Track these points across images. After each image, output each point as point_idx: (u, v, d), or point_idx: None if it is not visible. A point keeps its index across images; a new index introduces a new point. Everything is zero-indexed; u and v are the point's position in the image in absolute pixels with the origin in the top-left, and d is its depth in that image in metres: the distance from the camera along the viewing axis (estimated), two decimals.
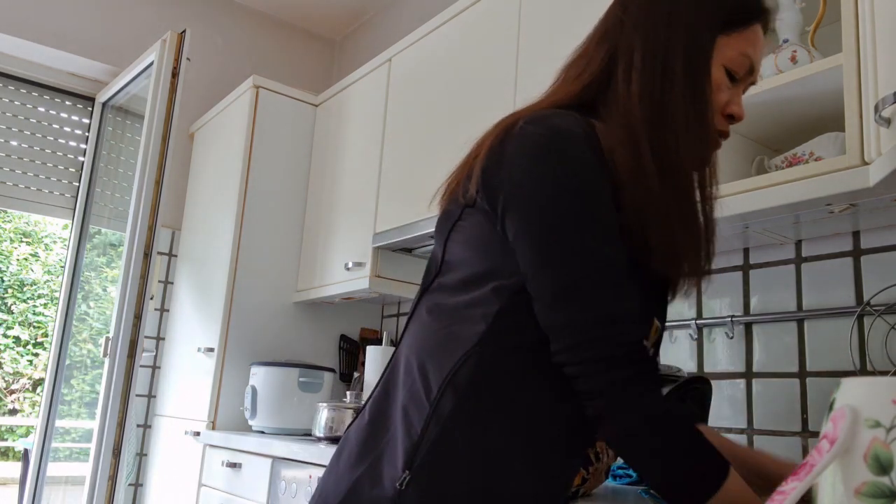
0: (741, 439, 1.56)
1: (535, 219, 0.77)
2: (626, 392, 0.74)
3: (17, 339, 8.36)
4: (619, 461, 1.32)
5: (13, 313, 8.35)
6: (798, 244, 1.55)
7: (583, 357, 0.74)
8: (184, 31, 2.60)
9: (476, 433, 0.78)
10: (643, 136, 0.79)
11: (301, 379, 2.45)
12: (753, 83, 0.89)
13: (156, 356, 3.01)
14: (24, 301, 8.41)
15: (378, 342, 2.63)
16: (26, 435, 7.73)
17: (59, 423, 2.86)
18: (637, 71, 0.82)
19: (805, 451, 1.46)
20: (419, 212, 2.12)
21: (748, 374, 1.59)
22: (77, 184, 3.07)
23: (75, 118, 3.12)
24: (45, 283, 8.53)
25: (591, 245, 0.76)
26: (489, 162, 0.82)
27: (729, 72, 0.84)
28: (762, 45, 0.87)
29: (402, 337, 0.91)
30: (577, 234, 0.76)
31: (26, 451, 3.07)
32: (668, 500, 0.75)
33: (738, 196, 1.31)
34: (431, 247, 2.22)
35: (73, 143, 3.10)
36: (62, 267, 3.07)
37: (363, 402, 0.93)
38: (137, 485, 2.92)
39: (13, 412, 8.39)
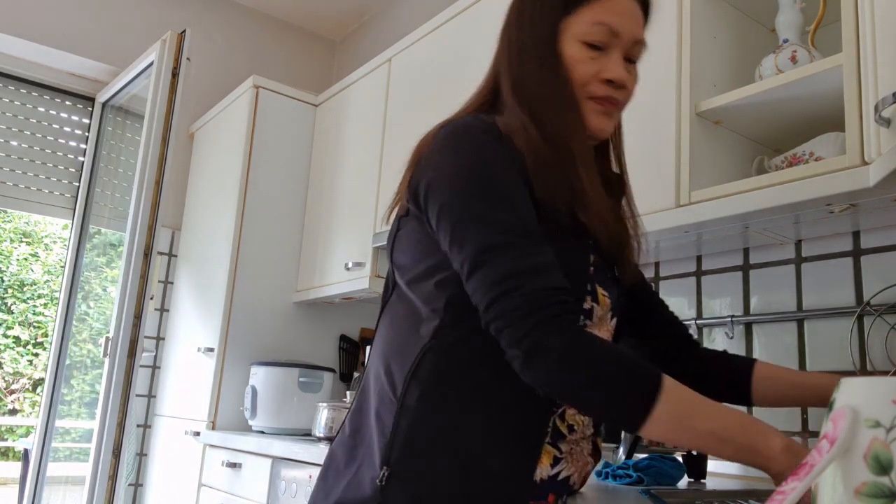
0: None
1: (444, 203, 0.85)
2: (535, 337, 0.76)
3: (17, 339, 8.36)
4: (619, 461, 1.32)
5: (13, 313, 8.35)
6: (798, 244, 1.55)
7: (495, 314, 0.79)
8: (184, 31, 2.60)
9: (445, 416, 0.84)
10: (525, 118, 0.90)
11: (301, 379, 2.45)
12: (638, 43, 0.95)
13: (156, 356, 3.01)
14: (24, 301, 8.41)
15: None
16: (26, 435, 7.73)
17: (59, 423, 2.86)
18: (505, 69, 0.97)
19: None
20: None
21: None
22: (77, 184, 3.07)
23: (75, 118, 3.12)
24: (45, 283, 8.53)
25: (493, 216, 0.82)
26: (412, 170, 0.92)
27: (589, 44, 0.92)
28: (625, 9, 0.93)
29: (370, 353, 0.97)
30: (480, 209, 0.83)
31: (26, 451, 3.07)
32: (614, 425, 0.77)
33: (738, 196, 1.31)
34: None
35: (73, 143, 3.10)
36: (62, 267, 3.07)
37: (344, 417, 0.99)
38: (137, 485, 2.92)
39: (13, 412, 8.40)
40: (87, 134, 3.12)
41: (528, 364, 0.77)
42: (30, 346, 8.43)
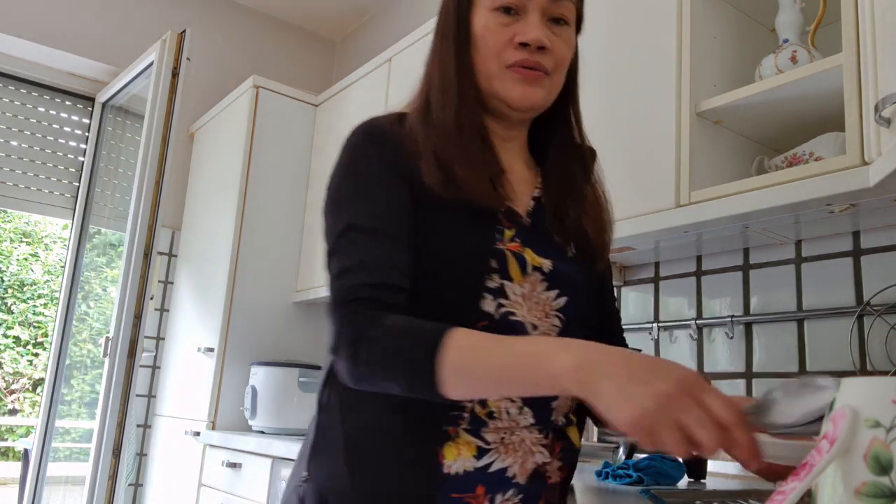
0: None
1: (324, 204, 0.90)
2: (337, 339, 0.77)
3: (17, 339, 8.36)
4: (619, 461, 1.32)
5: (13, 313, 8.35)
6: (798, 244, 1.55)
7: (328, 314, 0.80)
8: (184, 31, 2.60)
9: (352, 416, 0.84)
10: (419, 103, 0.94)
11: (301, 379, 2.45)
12: (544, 7, 0.90)
13: (156, 356, 3.01)
14: (24, 301, 8.41)
15: None
16: (26, 435, 7.73)
17: (59, 423, 2.86)
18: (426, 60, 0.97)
19: None
20: None
21: (748, 374, 1.59)
22: (77, 184, 3.07)
23: (75, 118, 3.12)
24: (45, 283, 8.53)
25: (341, 217, 0.85)
26: None
27: (501, 8, 0.88)
28: None
29: None
30: (332, 212, 0.87)
31: (26, 451, 3.07)
32: (426, 398, 0.73)
33: (738, 196, 1.31)
34: None
35: (73, 143, 3.10)
36: (62, 267, 3.07)
37: None
38: (137, 485, 2.92)
39: (13, 412, 8.40)
40: (87, 134, 3.12)
41: (336, 366, 0.79)
42: (30, 346, 8.43)
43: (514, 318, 0.84)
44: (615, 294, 1.13)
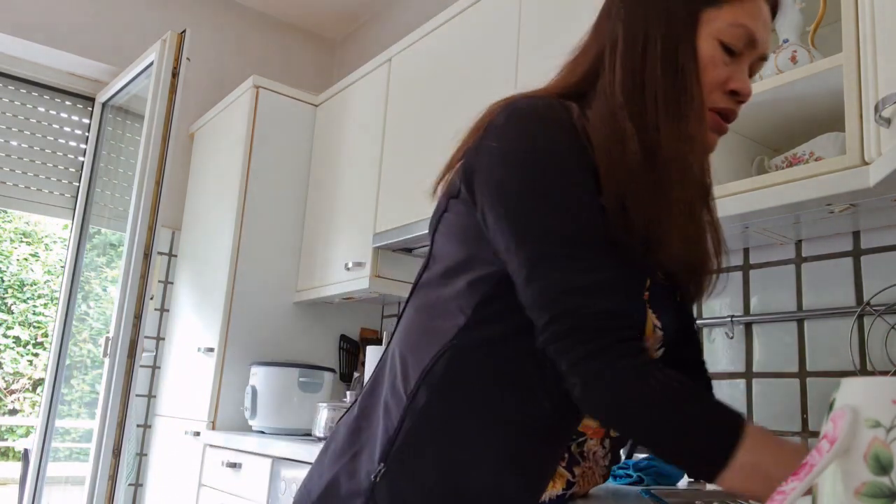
0: None
1: (505, 200, 0.76)
2: (591, 368, 0.70)
3: (17, 339, 8.35)
4: (620, 461, 1.32)
5: (13, 313, 8.35)
6: (798, 244, 1.55)
7: (551, 337, 0.72)
8: (184, 31, 2.60)
9: (447, 428, 0.78)
10: (625, 119, 0.77)
11: (301, 379, 2.45)
12: (763, 58, 0.84)
13: (156, 356, 3.01)
14: (24, 301, 8.41)
15: (378, 342, 2.63)
16: (26, 435, 7.73)
17: (59, 423, 2.86)
18: (619, 56, 0.81)
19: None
20: (419, 212, 2.12)
21: (748, 374, 1.59)
22: (77, 184, 3.07)
23: (75, 118, 3.12)
24: (45, 283, 8.53)
25: (557, 222, 0.74)
26: (470, 150, 0.83)
27: (725, 46, 0.80)
28: (765, 18, 0.82)
29: (394, 333, 0.91)
30: (544, 211, 0.75)
31: (26, 451, 3.07)
32: (684, 470, 0.70)
33: (738, 196, 1.31)
34: None
35: (73, 143, 3.10)
36: (62, 267, 3.07)
37: (355, 397, 0.93)
38: (137, 485, 2.92)
39: (13, 412, 8.39)
40: (87, 134, 3.11)
41: (587, 394, 0.71)
42: (30, 346, 8.43)
43: None
44: None
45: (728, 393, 1.61)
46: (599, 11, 0.90)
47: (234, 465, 2.26)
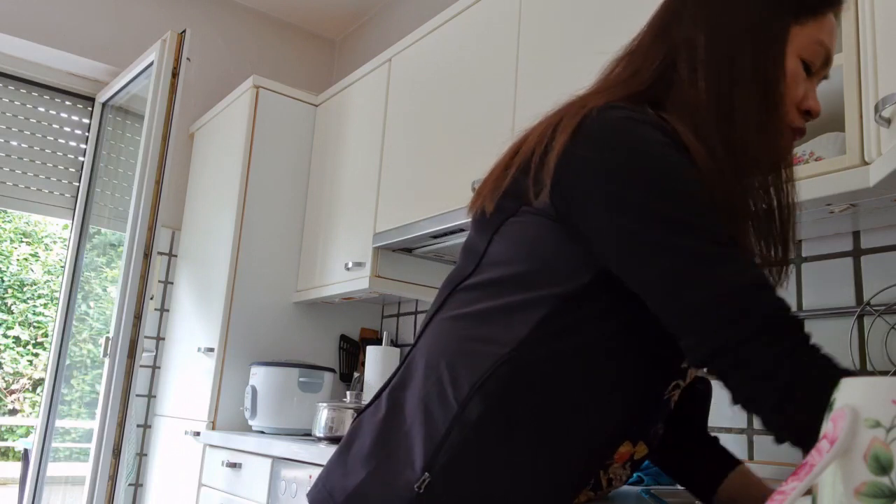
0: (741, 439, 1.56)
1: (625, 212, 0.71)
2: (788, 367, 0.65)
3: (17, 339, 8.36)
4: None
5: (13, 313, 8.35)
6: (798, 244, 1.55)
7: (725, 342, 0.67)
8: (184, 31, 2.60)
9: (499, 443, 0.75)
10: (714, 134, 0.75)
11: (301, 379, 2.45)
12: (826, 77, 0.83)
13: (156, 356, 3.01)
14: (24, 301, 8.41)
15: (378, 342, 2.63)
16: (26, 435, 7.73)
17: (59, 423, 2.86)
18: (702, 66, 0.77)
19: None
20: (419, 212, 2.12)
21: None
22: (77, 184, 3.07)
23: (75, 118, 3.12)
24: (45, 283, 8.53)
25: (692, 224, 0.69)
26: (563, 158, 0.76)
27: (805, 63, 0.78)
28: (836, 36, 0.81)
29: (424, 330, 0.86)
30: (674, 217, 0.70)
31: (26, 451, 3.07)
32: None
33: None
34: (433, 246, 2.23)
35: (73, 143, 3.10)
36: (62, 267, 3.07)
37: (378, 391, 0.87)
38: (137, 485, 2.92)
39: (13, 412, 8.40)
40: (87, 134, 3.12)
41: (782, 406, 0.65)
42: (30, 346, 8.43)
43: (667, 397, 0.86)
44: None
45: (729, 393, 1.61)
46: (660, 13, 0.86)
47: (234, 465, 2.26)
